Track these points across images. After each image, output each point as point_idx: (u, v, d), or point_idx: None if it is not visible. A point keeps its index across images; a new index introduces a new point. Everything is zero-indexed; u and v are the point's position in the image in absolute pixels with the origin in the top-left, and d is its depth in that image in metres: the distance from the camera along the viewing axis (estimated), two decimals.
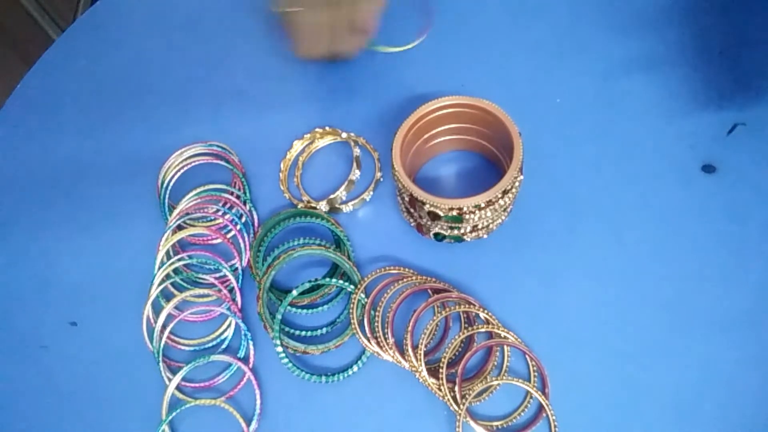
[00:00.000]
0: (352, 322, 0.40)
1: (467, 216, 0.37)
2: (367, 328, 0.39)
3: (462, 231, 0.39)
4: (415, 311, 0.39)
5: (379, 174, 0.46)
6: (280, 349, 0.39)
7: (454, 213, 0.37)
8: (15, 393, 0.41)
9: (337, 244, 0.43)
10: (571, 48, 0.50)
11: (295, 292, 0.40)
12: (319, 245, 0.42)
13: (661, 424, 0.35)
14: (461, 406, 0.36)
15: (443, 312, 0.39)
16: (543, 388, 0.37)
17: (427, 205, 0.37)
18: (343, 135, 0.47)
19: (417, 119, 0.41)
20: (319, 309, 0.41)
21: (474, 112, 0.41)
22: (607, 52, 0.49)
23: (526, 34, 0.51)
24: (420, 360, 0.37)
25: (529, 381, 0.37)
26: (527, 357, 0.38)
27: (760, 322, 0.37)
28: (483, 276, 0.41)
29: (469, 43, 0.52)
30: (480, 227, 0.39)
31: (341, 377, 0.39)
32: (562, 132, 0.46)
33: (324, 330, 0.41)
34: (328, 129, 0.48)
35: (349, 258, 0.42)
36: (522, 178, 0.39)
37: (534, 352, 0.38)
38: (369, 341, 0.39)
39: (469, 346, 0.38)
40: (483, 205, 0.36)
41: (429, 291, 0.40)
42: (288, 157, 0.48)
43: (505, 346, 0.38)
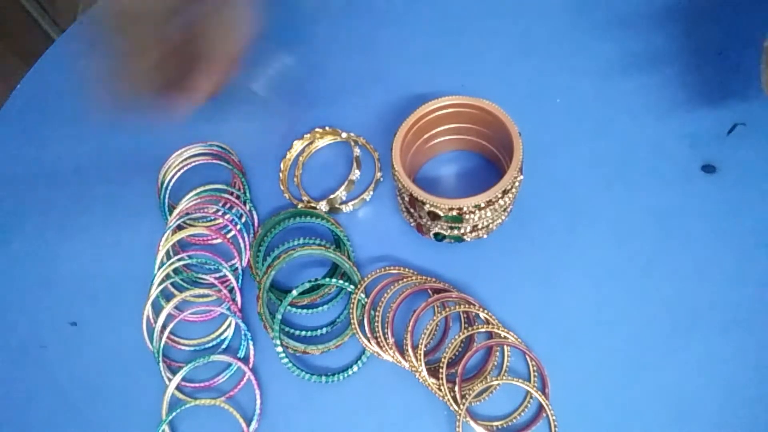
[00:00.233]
0: (352, 322, 0.40)
1: (467, 216, 0.37)
2: (367, 328, 0.39)
3: (462, 231, 0.39)
4: (415, 311, 0.39)
5: (379, 174, 0.46)
6: (280, 349, 0.39)
7: (454, 213, 0.37)
8: (15, 393, 0.42)
9: (337, 244, 0.43)
10: (571, 48, 0.50)
11: (295, 292, 0.40)
12: (319, 245, 0.42)
13: (661, 424, 0.35)
14: (461, 406, 0.36)
15: (443, 312, 0.39)
16: (543, 388, 0.37)
17: (427, 205, 0.37)
18: (343, 135, 0.47)
19: (417, 119, 0.41)
20: (319, 309, 0.41)
21: (474, 112, 0.41)
22: (607, 52, 0.49)
23: (527, 34, 0.51)
24: (420, 360, 0.37)
25: (529, 381, 0.37)
26: (527, 357, 0.38)
27: (760, 322, 0.37)
28: (483, 276, 0.41)
29: (469, 43, 0.52)
30: (480, 227, 0.39)
31: (341, 377, 0.39)
32: (562, 132, 0.46)
33: (324, 330, 0.41)
34: (328, 129, 0.48)
35: (349, 258, 0.42)
36: (522, 178, 0.39)
37: (534, 352, 0.38)
38: (369, 341, 0.39)
39: (469, 346, 0.38)
40: (483, 205, 0.36)
41: (429, 291, 0.40)
42: (288, 157, 0.48)
43: (505, 346, 0.38)
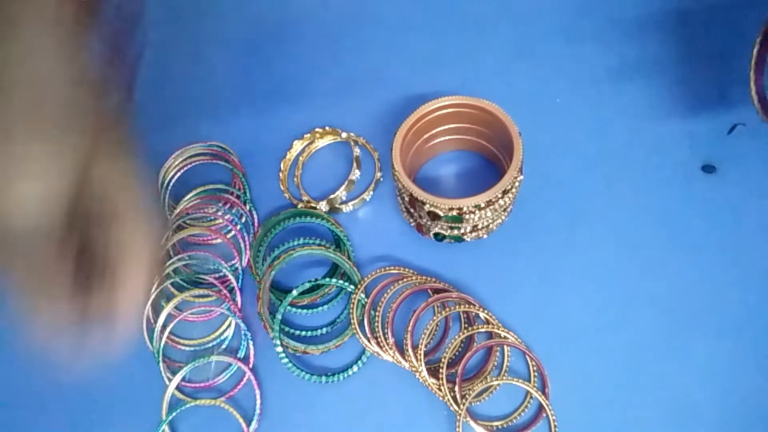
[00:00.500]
0: (352, 322, 0.40)
1: (467, 216, 0.37)
2: (367, 328, 0.39)
3: (462, 231, 0.39)
4: (415, 311, 0.39)
5: (379, 174, 0.46)
6: (280, 349, 0.39)
7: (454, 213, 0.37)
8: (15, 393, 0.41)
9: (337, 244, 0.43)
10: (571, 48, 0.50)
11: (295, 292, 0.40)
12: (319, 245, 0.42)
13: (661, 424, 0.35)
14: (461, 406, 0.36)
15: (443, 312, 0.39)
16: (543, 388, 0.37)
17: (427, 205, 0.37)
18: (343, 135, 0.47)
19: (417, 119, 0.41)
20: (319, 309, 0.41)
21: (474, 112, 0.41)
22: (607, 52, 0.49)
23: (527, 35, 0.51)
24: (420, 360, 0.37)
25: (529, 381, 0.37)
26: (527, 357, 0.38)
27: (760, 323, 0.37)
28: (483, 276, 0.41)
29: (469, 43, 0.52)
30: (480, 227, 0.39)
31: (341, 377, 0.39)
32: (562, 132, 0.46)
33: (324, 330, 0.41)
34: (328, 129, 0.48)
35: (349, 258, 0.42)
36: (522, 178, 0.39)
37: (534, 352, 0.38)
38: (369, 341, 0.39)
39: (469, 346, 0.38)
40: (483, 205, 0.36)
41: (429, 291, 0.40)
42: (288, 157, 0.48)
43: (505, 346, 0.38)
